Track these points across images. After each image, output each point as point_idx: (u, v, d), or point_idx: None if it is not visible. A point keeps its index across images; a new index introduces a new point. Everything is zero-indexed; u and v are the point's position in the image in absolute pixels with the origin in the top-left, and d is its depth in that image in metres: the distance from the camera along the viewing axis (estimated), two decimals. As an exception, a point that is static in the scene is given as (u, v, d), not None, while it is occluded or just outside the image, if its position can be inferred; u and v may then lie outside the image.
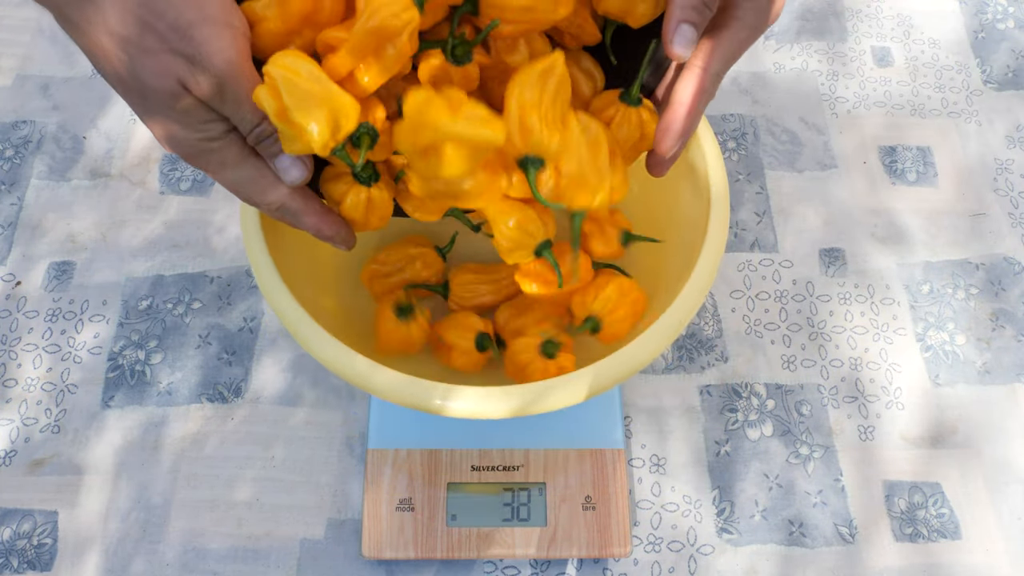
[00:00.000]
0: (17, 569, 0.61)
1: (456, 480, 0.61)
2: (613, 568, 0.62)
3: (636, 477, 0.65)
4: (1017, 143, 0.83)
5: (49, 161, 0.79)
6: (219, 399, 0.67)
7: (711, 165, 0.55)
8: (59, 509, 0.63)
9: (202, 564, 0.61)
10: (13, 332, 0.70)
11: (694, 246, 0.53)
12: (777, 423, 0.68)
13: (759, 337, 0.72)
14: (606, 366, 0.47)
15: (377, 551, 0.59)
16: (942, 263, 0.76)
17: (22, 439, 0.66)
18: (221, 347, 0.70)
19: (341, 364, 0.47)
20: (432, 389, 0.46)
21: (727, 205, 0.53)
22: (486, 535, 0.59)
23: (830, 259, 0.76)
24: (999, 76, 0.88)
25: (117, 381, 0.68)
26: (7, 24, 0.87)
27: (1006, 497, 0.65)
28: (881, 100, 0.86)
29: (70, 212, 0.76)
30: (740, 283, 0.74)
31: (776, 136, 0.83)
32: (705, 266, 0.51)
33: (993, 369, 0.71)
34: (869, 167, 0.81)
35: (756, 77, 0.87)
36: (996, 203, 0.80)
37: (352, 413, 0.67)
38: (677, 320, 0.49)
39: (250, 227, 0.51)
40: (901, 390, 0.70)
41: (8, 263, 0.73)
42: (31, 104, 0.82)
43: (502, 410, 0.46)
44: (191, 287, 0.72)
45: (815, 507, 0.64)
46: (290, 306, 0.48)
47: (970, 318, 0.73)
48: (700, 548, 0.63)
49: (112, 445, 0.65)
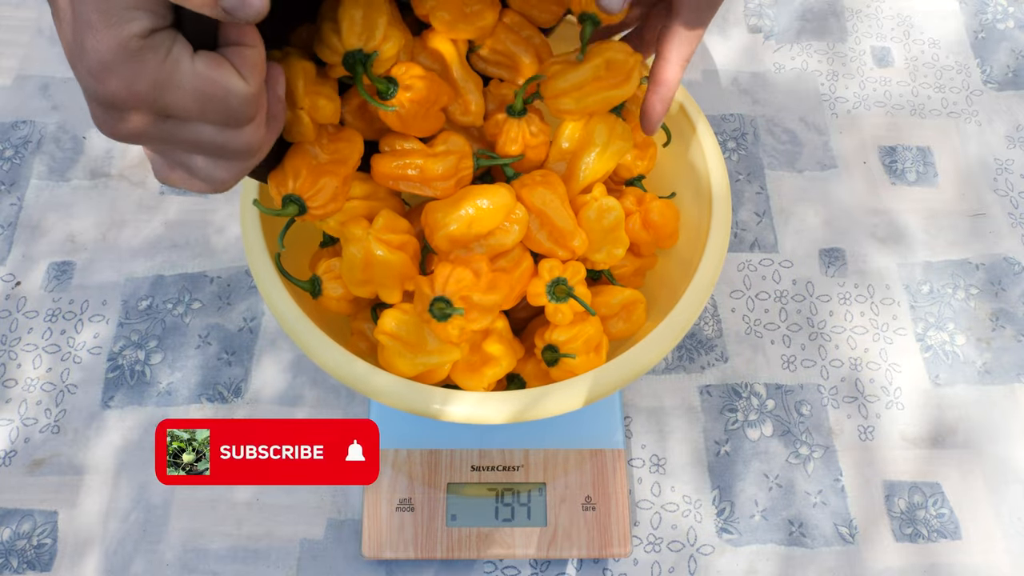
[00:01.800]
0: (17, 569, 0.61)
1: (456, 480, 0.61)
2: (613, 568, 0.62)
3: (636, 477, 0.65)
4: (1017, 143, 0.83)
5: (49, 161, 0.79)
6: (219, 399, 0.67)
7: (714, 172, 0.55)
8: (59, 509, 0.63)
9: (202, 564, 0.61)
10: (13, 332, 0.70)
11: (695, 253, 0.53)
12: (777, 423, 0.68)
13: (759, 337, 0.72)
14: (605, 372, 0.47)
15: (377, 551, 0.59)
16: (942, 263, 0.76)
17: (22, 439, 0.66)
18: (221, 347, 0.70)
19: (340, 367, 0.47)
20: (431, 393, 0.46)
21: (728, 212, 0.53)
22: (486, 535, 0.59)
23: (830, 259, 0.76)
24: (999, 76, 0.88)
25: (117, 381, 0.68)
26: (7, 24, 0.87)
27: (1006, 497, 0.65)
28: (881, 100, 0.86)
29: (70, 212, 0.76)
30: (740, 283, 0.74)
31: (776, 136, 0.83)
32: (704, 275, 0.50)
33: (993, 369, 0.71)
34: (869, 167, 0.81)
35: (756, 77, 0.87)
36: (996, 203, 0.80)
37: (352, 413, 0.67)
38: (674, 330, 0.48)
39: (250, 229, 0.51)
40: (901, 390, 0.70)
41: (8, 263, 0.73)
42: (31, 104, 0.82)
43: (500, 415, 0.46)
44: (191, 287, 0.72)
45: (815, 507, 0.64)
46: (289, 308, 0.48)
47: (970, 318, 0.73)
48: (700, 548, 0.63)
49: (112, 445, 0.65)
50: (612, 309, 0.54)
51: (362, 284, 0.48)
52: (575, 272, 0.50)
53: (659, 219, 0.56)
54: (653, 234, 0.56)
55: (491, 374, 0.50)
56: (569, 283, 0.49)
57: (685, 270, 0.54)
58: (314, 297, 0.52)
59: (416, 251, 0.49)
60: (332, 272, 0.51)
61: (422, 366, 0.47)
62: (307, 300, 0.51)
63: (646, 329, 0.52)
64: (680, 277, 0.54)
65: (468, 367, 0.50)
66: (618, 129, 0.50)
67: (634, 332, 0.55)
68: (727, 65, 0.87)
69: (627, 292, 0.54)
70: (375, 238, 0.46)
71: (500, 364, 0.50)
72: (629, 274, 0.58)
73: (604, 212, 0.51)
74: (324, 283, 0.51)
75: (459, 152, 0.48)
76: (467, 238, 0.47)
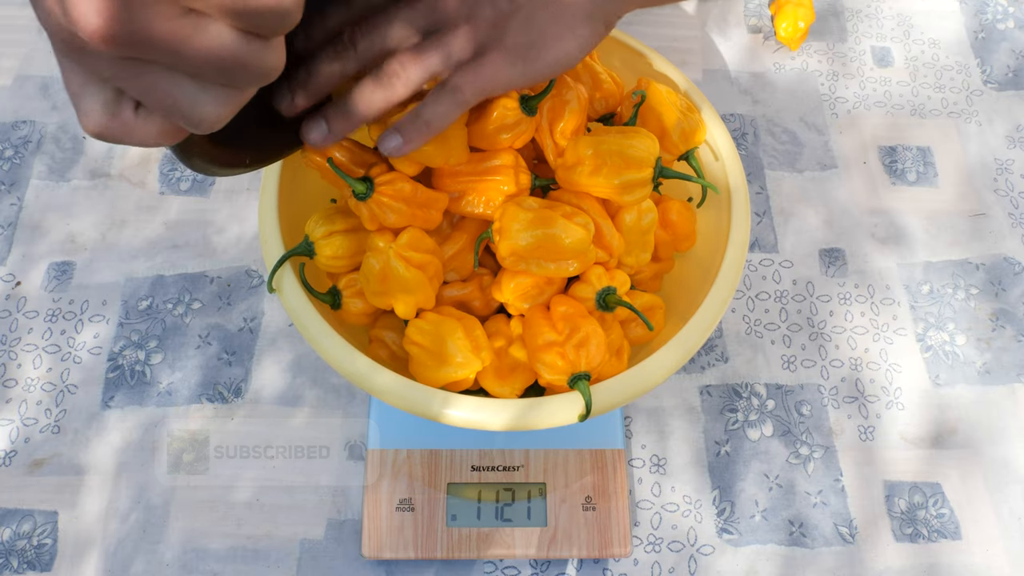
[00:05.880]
0: (17, 569, 0.61)
1: (456, 480, 0.61)
2: (613, 568, 0.62)
3: (636, 477, 0.65)
4: (1017, 143, 0.83)
5: (49, 161, 0.79)
6: (219, 399, 0.67)
7: (731, 172, 0.55)
8: (59, 509, 0.63)
9: (202, 564, 0.61)
10: (13, 332, 0.70)
11: (715, 254, 0.53)
12: (777, 423, 0.68)
13: (759, 337, 0.72)
14: (603, 389, 0.47)
15: (377, 551, 0.59)
16: (942, 263, 0.76)
17: (22, 439, 0.66)
18: (221, 347, 0.70)
19: (342, 363, 0.47)
20: (431, 394, 0.46)
21: (747, 214, 0.53)
22: (486, 535, 0.59)
23: (830, 259, 0.76)
24: (999, 76, 0.88)
25: (117, 381, 0.68)
26: (7, 24, 0.87)
27: (1006, 497, 0.65)
28: (881, 100, 0.86)
29: (70, 212, 0.76)
30: (740, 283, 0.74)
31: (776, 136, 0.83)
32: (724, 278, 0.50)
33: (993, 369, 0.71)
34: (869, 167, 0.81)
35: (756, 77, 0.87)
36: (996, 203, 0.80)
37: (352, 413, 0.67)
38: (686, 346, 0.48)
39: (267, 218, 0.51)
40: (901, 390, 0.70)
41: (8, 263, 0.73)
42: (31, 104, 0.82)
43: (497, 422, 0.46)
44: (191, 287, 0.72)
45: (815, 507, 0.64)
46: (299, 299, 0.49)
47: (970, 318, 0.73)
48: (700, 548, 0.63)
49: (112, 445, 0.65)
50: (632, 314, 0.54)
51: (379, 295, 0.48)
52: (622, 282, 0.50)
53: (677, 218, 0.56)
54: (671, 235, 0.56)
55: (521, 380, 0.50)
56: (618, 292, 0.49)
57: (704, 272, 0.54)
58: (333, 309, 0.52)
59: (438, 271, 0.49)
60: (353, 288, 0.52)
61: (446, 377, 0.48)
62: (318, 303, 0.51)
63: (666, 334, 0.52)
64: (699, 280, 0.54)
65: (496, 373, 0.50)
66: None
67: (654, 337, 0.55)
68: (727, 65, 0.87)
69: (647, 296, 0.54)
70: (395, 253, 0.46)
71: (529, 370, 0.50)
72: (647, 278, 0.58)
73: (643, 213, 0.51)
74: (344, 297, 0.52)
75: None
76: (530, 255, 0.47)
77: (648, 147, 0.48)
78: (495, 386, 0.49)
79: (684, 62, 0.87)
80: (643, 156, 0.47)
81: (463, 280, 0.53)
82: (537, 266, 0.47)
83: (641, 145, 0.48)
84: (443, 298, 0.52)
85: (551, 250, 0.46)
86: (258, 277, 0.73)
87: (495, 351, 0.49)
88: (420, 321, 0.49)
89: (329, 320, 0.49)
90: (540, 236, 0.45)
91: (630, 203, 0.50)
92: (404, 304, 0.48)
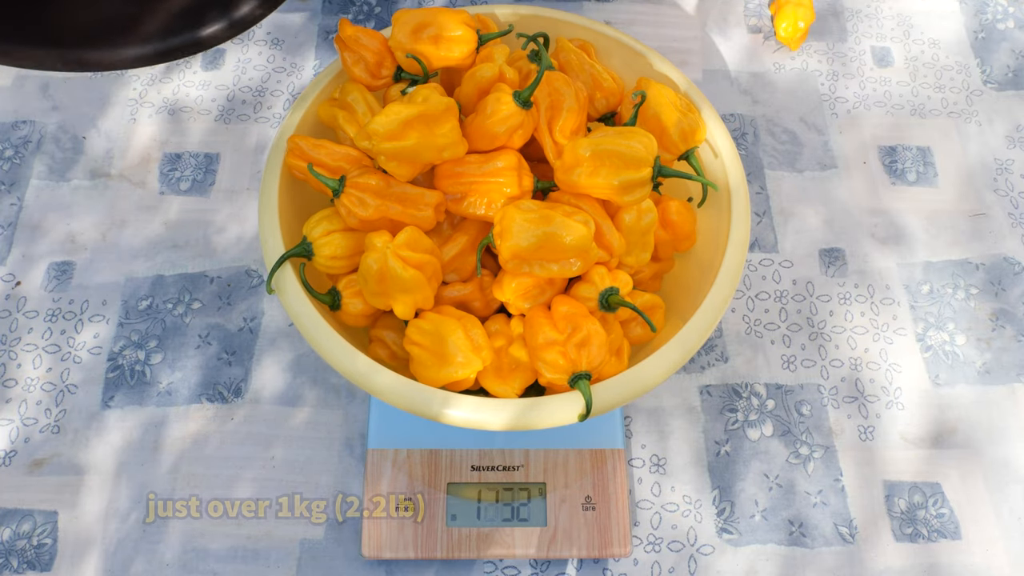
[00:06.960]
0: (17, 569, 0.61)
1: (456, 480, 0.61)
2: (613, 568, 0.62)
3: (636, 477, 0.65)
4: (1017, 143, 0.83)
5: (49, 161, 0.79)
6: (219, 399, 0.67)
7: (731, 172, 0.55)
8: (59, 509, 0.63)
9: (202, 564, 0.61)
10: (13, 332, 0.70)
11: (715, 254, 0.53)
12: (777, 423, 0.68)
13: (759, 337, 0.72)
14: (604, 388, 0.47)
15: (377, 551, 0.59)
16: (942, 263, 0.76)
17: (22, 439, 0.66)
18: (221, 347, 0.70)
19: (342, 362, 0.47)
20: (431, 394, 0.46)
21: (747, 214, 0.53)
22: (486, 535, 0.59)
23: (830, 259, 0.76)
24: (999, 76, 0.88)
25: (117, 381, 0.68)
26: (7, 24, 0.87)
27: (1006, 497, 0.65)
28: (881, 100, 0.86)
29: (70, 212, 0.76)
30: (740, 283, 0.74)
31: (776, 136, 0.83)
32: (724, 278, 0.50)
33: (993, 369, 0.71)
34: (869, 167, 0.81)
35: (756, 77, 0.87)
36: (996, 203, 0.80)
37: (352, 413, 0.67)
38: (686, 346, 0.48)
39: (267, 218, 0.51)
40: (901, 390, 0.70)
41: (8, 263, 0.73)
42: (31, 104, 0.82)
43: (497, 422, 0.46)
44: (191, 287, 0.72)
45: (815, 507, 0.64)
46: (298, 298, 0.49)
47: (970, 318, 0.73)
48: (700, 548, 0.63)
49: (112, 445, 0.65)
50: (633, 313, 0.54)
51: (378, 296, 0.48)
52: (625, 282, 0.50)
53: (677, 218, 0.56)
54: (671, 234, 0.56)
55: (521, 379, 0.50)
56: (620, 293, 0.49)
57: (704, 272, 0.54)
58: (333, 310, 0.52)
59: (436, 271, 0.49)
60: (352, 288, 0.52)
61: (446, 376, 0.48)
62: (319, 304, 0.51)
63: (666, 334, 0.52)
64: (699, 280, 0.54)
65: (497, 373, 0.50)
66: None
67: (654, 336, 0.55)
68: (727, 65, 0.87)
69: (647, 296, 0.54)
70: (392, 252, 0.46)
71: (529, 370, 0.50)
72: (647, 278, 0.58)
73: (643, 213, 0.51)
74: (344, 298, 0.52)
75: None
76: (532, 256, 0.47)
77: (646, 147, 0.48)
78: (495, 386, 0.49)
79: (684, 62, 0.87)
80: (641, 156, 0.47)
81: (463, 280, 0.53)
82: (540, 268, 0.47)
83: (639, 145, 0.48)
84: (443, 298, 0.52)
85: (553, 249, 0.46)
86: (258, 277, 0.73)
87: (495, 351, 0.49)
88: (420, 321, 0.49)
89: (329, 320, 0.49)
90: (541, 236, 0.45)
91: (630, 203, 0.50)
92: (403, 304, 0.48)
